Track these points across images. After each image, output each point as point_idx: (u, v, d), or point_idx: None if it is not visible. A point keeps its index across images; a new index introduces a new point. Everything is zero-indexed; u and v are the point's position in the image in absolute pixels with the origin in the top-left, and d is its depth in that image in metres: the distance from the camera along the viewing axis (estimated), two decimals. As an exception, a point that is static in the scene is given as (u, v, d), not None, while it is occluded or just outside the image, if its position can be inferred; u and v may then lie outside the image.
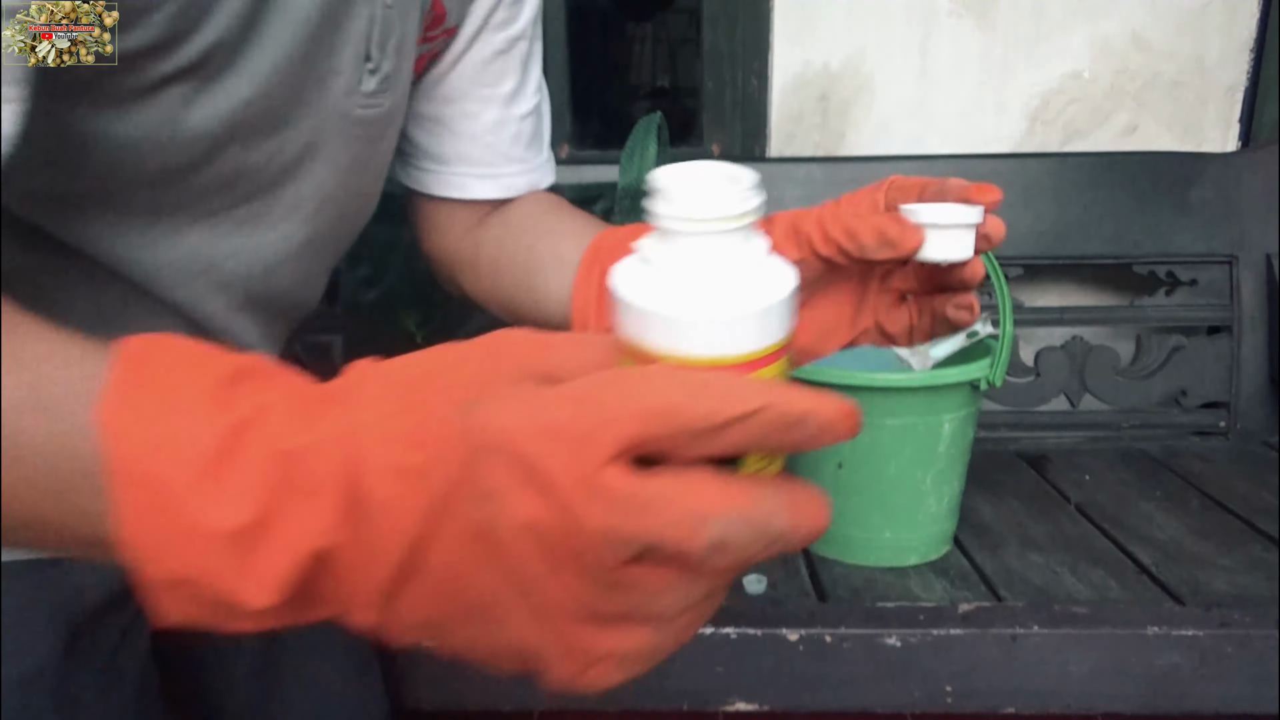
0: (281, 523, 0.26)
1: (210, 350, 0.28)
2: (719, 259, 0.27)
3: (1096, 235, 1.39)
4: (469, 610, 0.26)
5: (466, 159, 0.62)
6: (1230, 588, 0.95)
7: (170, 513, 0.26)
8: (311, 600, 0.27)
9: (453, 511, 0.25)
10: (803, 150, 1.49)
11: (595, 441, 0.24)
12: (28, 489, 0.27)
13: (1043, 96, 1.46)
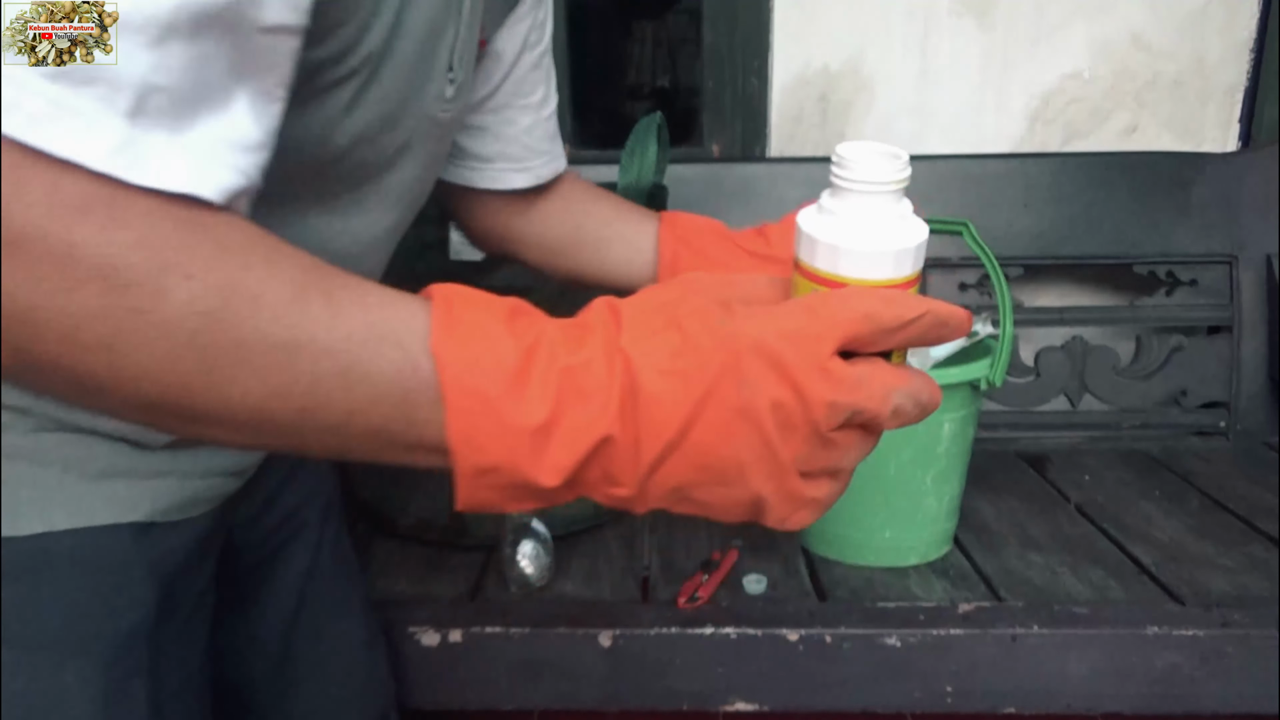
0: (569, 420, 0.34)
1: (486, 294, 0.36)
2: (885, 211, 0.37)
3: (1096, 235, 1.40)
4: (715, 473, 0.35)
5: (505, 156, 0.73)
6: (1230, 588, 0.95)
7: (487, 416, 0.34)
8: (584, 481, 0.36)
9: (715, 398, 0.34)
10: (803, 150, 1.49)
11: (823, 340, 0.34)
12: (375, 405, 0.34)
13: (1043, 96, 1.46)
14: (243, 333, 0.32)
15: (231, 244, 0.33)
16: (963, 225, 0.99)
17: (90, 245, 0.30)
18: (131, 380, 0.32)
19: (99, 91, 0.30)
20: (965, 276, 1.41)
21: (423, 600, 0.95)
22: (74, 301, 0.30)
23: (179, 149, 0.32)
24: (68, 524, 0.50)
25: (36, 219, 0.29)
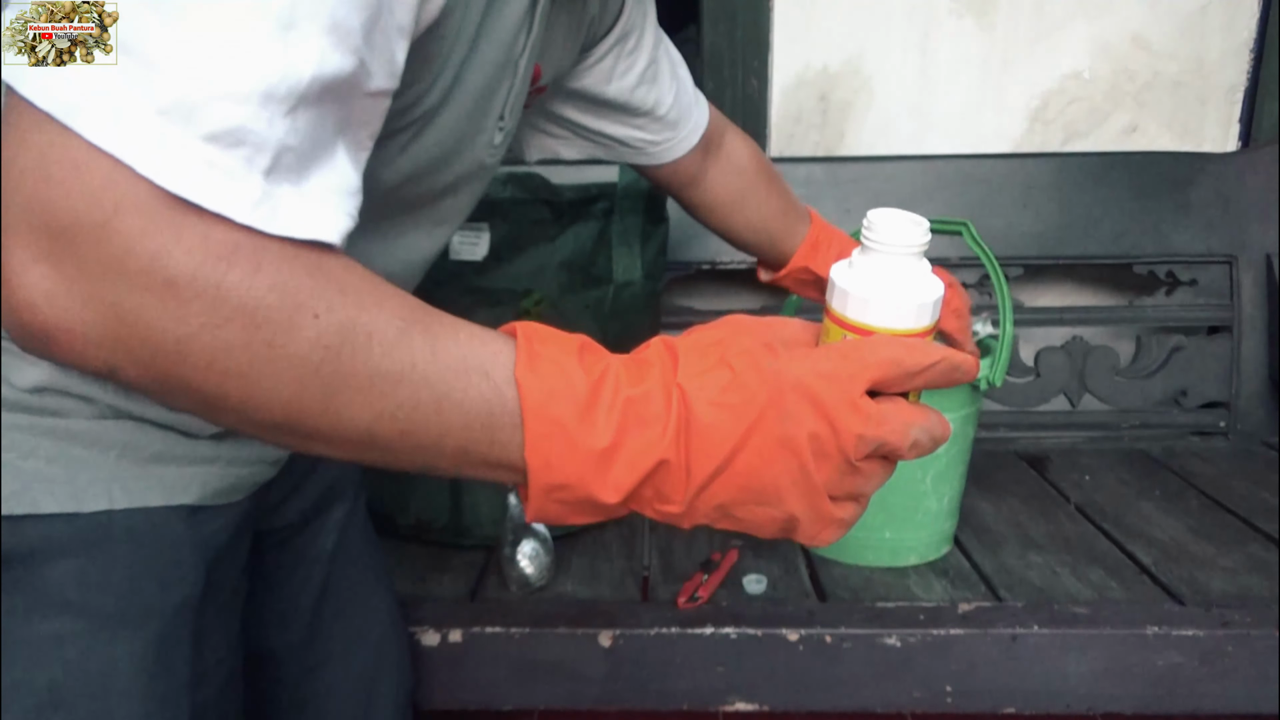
0: (630, 444, 0.39)
1: (559, 331, 0.41)
2: (908, 269, 0.42)
3: (1096, 235, 1.39)
4: (756, 494, 0.41)
5: (670, 127, 0.84)
6: (1230, 588, 0.95)
7: (560, 440, 0.39)
8: (639, 498, 0.41)
9: (760, 429, 0.39)
10: (802, 150, 1.49)
11: (854, 380, 0.40)
12: (465, 428, 0.39)
13: (1043, 96, 1.46)
14: (357, 365, 0.37)
15: (349, 285, 0.37)
16: (963, 225, 0.99)
17: (236, 288, 0.34)
18: (262, 404, 0.37)
19: (245, 153, 0.34)
20: (965, 276, 1.41)
21: (423, 600, 0.95)
22: (219, 336, 0.35)
23: (302, 200, 0.36)
24: (126, 503, 0.53)
25: (192, 264, 0.33)
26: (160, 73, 0.33)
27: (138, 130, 0.32)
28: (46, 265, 0.33)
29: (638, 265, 1.10)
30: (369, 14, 0.37)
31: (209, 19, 0.33)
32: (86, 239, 0.33)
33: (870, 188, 1.40)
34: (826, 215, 1.40)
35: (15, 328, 0.35)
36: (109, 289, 0.33)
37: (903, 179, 1.41)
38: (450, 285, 0.98)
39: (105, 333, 0.34)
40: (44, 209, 0.33)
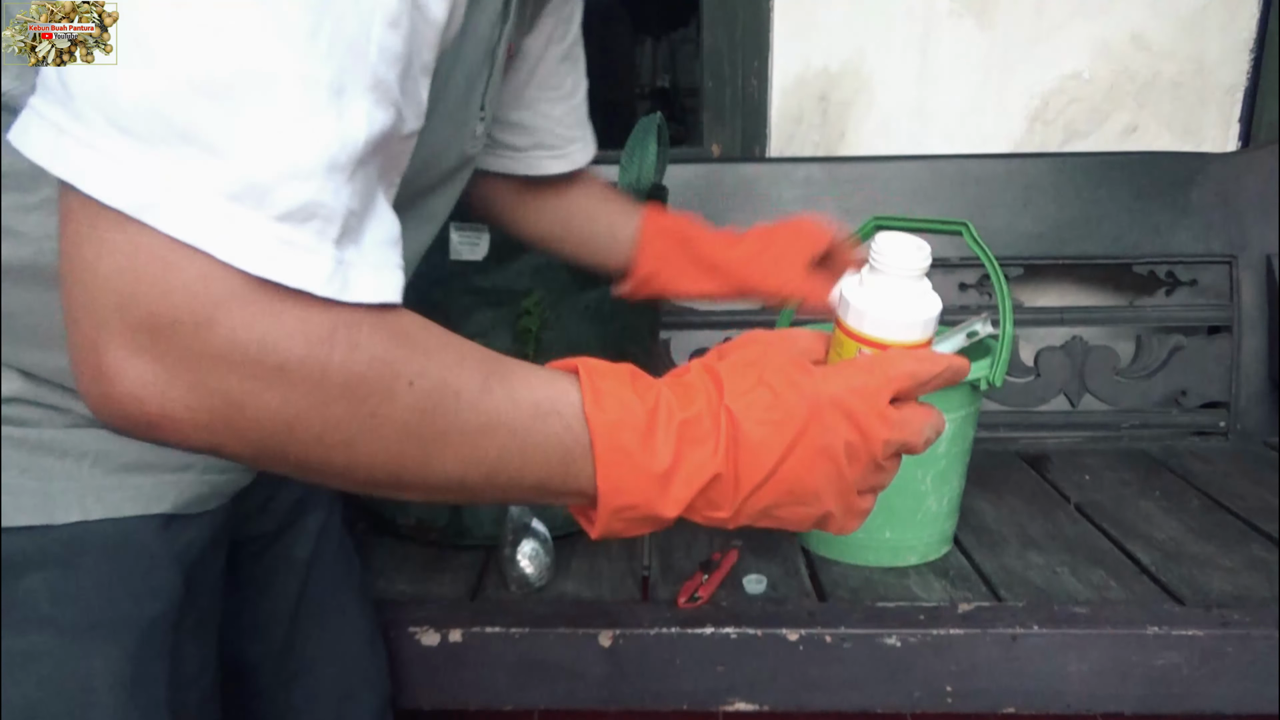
0: (687, 463, 0.43)
1: (611, 364, 0.45)
2: (914, 289, 0.48)
3: (1096, 235, 1.39)
4: (797, 497, 0.45)
5: (541, 145, 0.79)
6: (1230, 588, 0.95)
7: (627, 465, 0.42)
8: (693, 508, 0.44)
9: (803, 441, 0.44)
10: (803, 150, 1.49)
11: (880, 393, 0.45)
12: (544, 465, 0.42)
13: (1043, 96, 1.46)
14: (449, 422, 0.40)
15: (430, 346, 0.40)
16: (963, 225, 0.99)
17: (341, 367, 0.36)
18: (363, 467, 0.39)
19: (317, 226, 0.35)
20: (965, 276, 1.41)
21: (423, 600, 0.95)
22: (326, 414, 0.37)
23: (365, 261, 0.37)
24: (100, 514, 0.53)
25: (298, 350, 0.35)
26: (226, 158, 0.33)
27: (217, 220, 0.33)
28: (148, 359, 0.34)
29: (638, 265, 1.10)
30: (403, 65, 0.38)
31: (265, 97, 0.33)
32: (189, 334, 0.34)
33: (870, 188, 1.40)
34: (827, 215, 1.41)
35: (118, 418, 0.35)
36: (217, 379, 0.35)
37: (903, 179, 1.41)
38: (450, 285, 0.98)
39: (214, 418, 0.35)
40: (141, 308, 0.33)
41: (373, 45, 0.36)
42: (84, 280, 0.34)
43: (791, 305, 0.76)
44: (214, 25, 0.32)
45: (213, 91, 0.33)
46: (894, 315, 0.47)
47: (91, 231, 0.33)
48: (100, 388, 0.35)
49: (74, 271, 0.34)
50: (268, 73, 0.33)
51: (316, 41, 0.34)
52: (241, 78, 0.33)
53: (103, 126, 0.33)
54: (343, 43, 0.35)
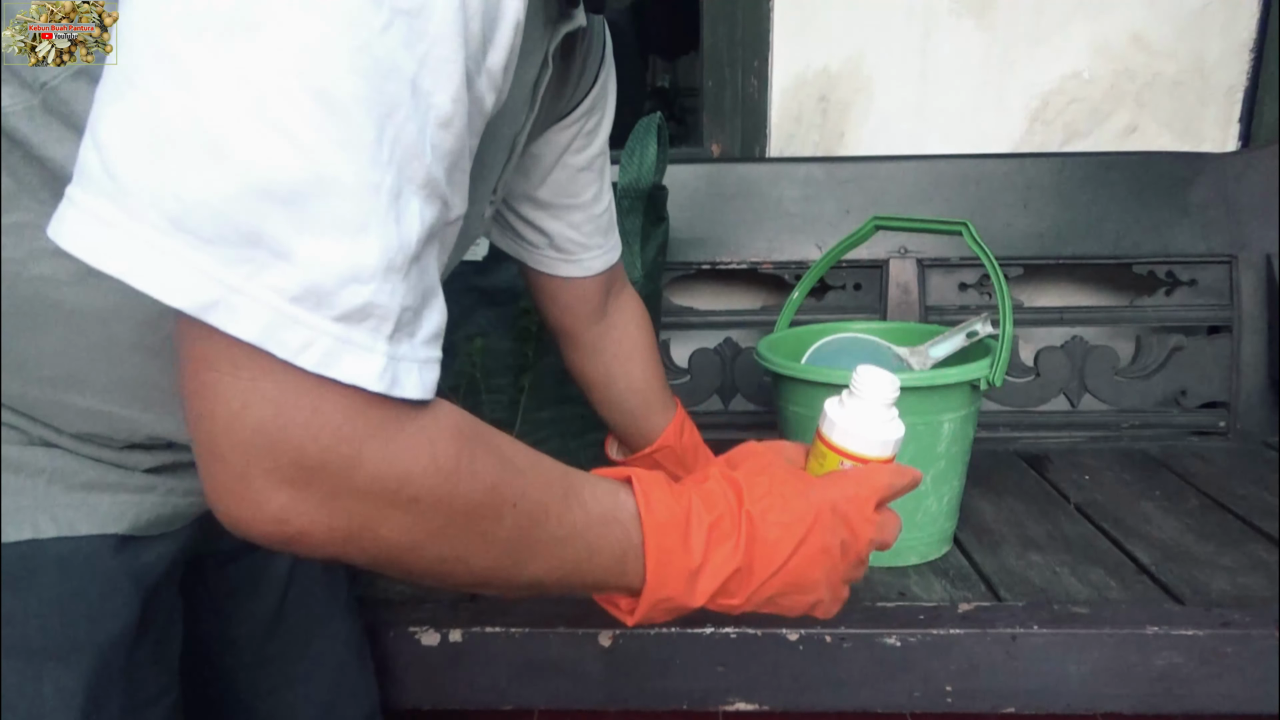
0: (713, 560, 0.49)
1: (652, 471, 0.51)
2: (888, 414, 0.57)
3: (1096, 235, 1.39)
4: (798, 587, 0.52)
5: (553, 246, 0.79)
6: (1230, 588, 0.95)
7: (669, 565, 0.48)
8: (712, 598, 0.50)
9: (809, 540, 0.51)
10: (802, 150, 1.49)
11: (868, 501, 0.54)
12: (606, 567, 0.48)
13: (1043, 96, 1.46)
14: (539, 535, 0.45)
15: (522, 467, 0.44)
16: (963, 225, 0.99)
17: (463, 496, 0.40)
18: (463, 574, 0.43)
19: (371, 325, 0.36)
20: (965, 276, 1.41)
21: (423, 600, 0.95)
22: (447, 536, 0.41)
23: (415, 358, 0.39)
24: (54, 532, 0.51)
25: (431, 482, 0.39)
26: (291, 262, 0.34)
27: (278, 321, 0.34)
28: (295, 490, 0.36)
29: (638, 265, 1.10)
30: (452, 160, 0.39)
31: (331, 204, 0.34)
32: (337, 472, 0.37)
33: (870, 188, 1.40)
34: (826, 215, 1.41)
35: (258, 536, 0.38)
36: (356, 505, 0.38)
37: (903, 179, 1.41)
38: (450, 285, 0.97)
39: (348, 537, 0.39)
40: (292, 449, 0.36)
41: (428, 147, 0.37)
42: (233, 425, 0.35)
43: None
44: (286, 132, 0.33)
45: (282, 196, 0.33)
46: (873, 435, 0.56)
47: (235, 377, 0.35)
48: (246, 512, 0.37)
49: (220, 414, 0.35)
50: (335, 179, 0.34)
51: (380, 149, 0.35)
52: (310, 184, 0.33)
53: (162, 224, 0.33)
54: (402, 148, 0.36)
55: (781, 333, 1.13)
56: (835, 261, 1.14)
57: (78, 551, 0.52)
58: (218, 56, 0.32)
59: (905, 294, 1.40)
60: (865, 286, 1.41)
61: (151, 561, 0.56)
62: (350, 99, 0.34)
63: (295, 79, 0.33)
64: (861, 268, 1.40)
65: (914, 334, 1.12)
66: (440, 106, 0.37)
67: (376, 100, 0.34)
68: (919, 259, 1.40)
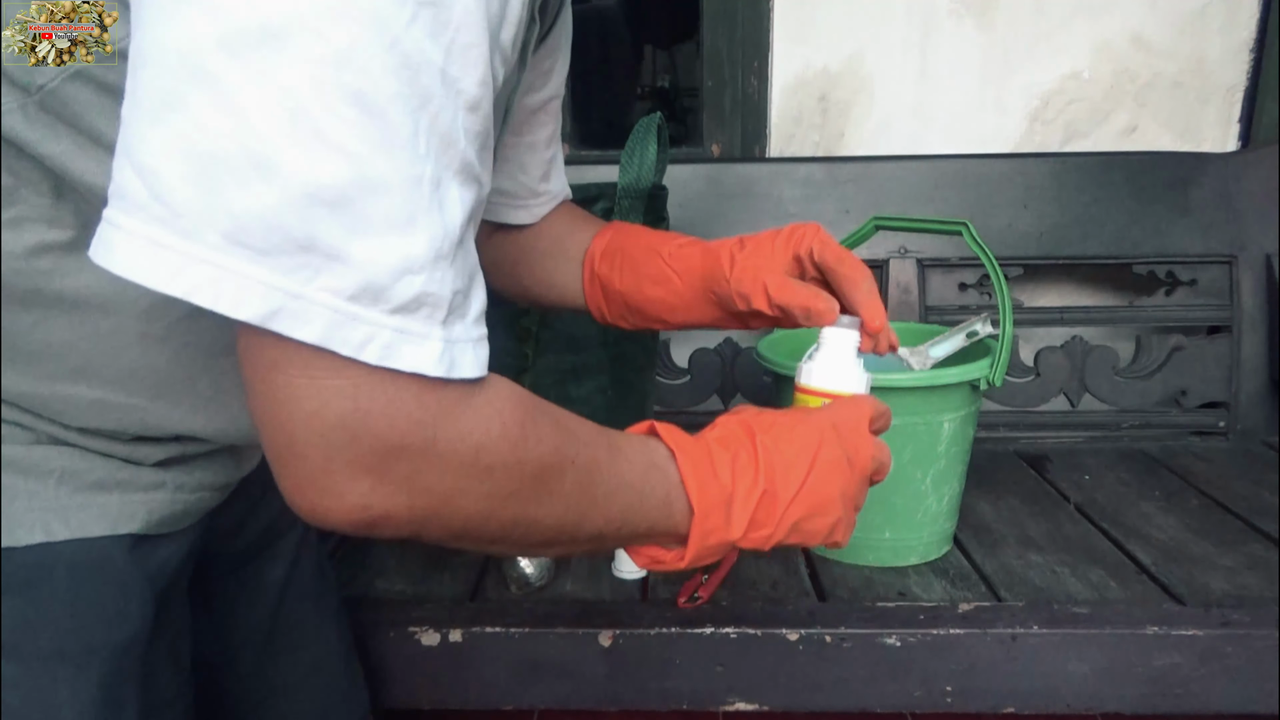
0: (740, 488, 0.51)
1: (670, 424, 0.53)
2: (854, 361, 0.62)
3: (1096, 235, 1.39)
4: (818, 508, 0.53)
5: (503, 193, 0.76)
6: (1230, 588, 0.95)
7: (707, 497, 0.50)
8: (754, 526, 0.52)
9: (821, 457, 0.53)
10: (802, 150, 1.49)
11: (864, 420, 0.57)
12: (653, 509, 0.50)
13: (1043, 96, 1.46)
14: (597, 489, 0.47)
15: (572, 427, 0.46)
16: (963, 225, 0.99)
17: (533, 461, 0.43)
18: (533, 535, 0.45)
19: (426, 313, 0.37)
20: (965, 276, 1.41)
21: (423, 600, 0.95)
22: (519, 498, 0.43)
23: (468, 338, 0.40)
24: (66, 534, 0.51)
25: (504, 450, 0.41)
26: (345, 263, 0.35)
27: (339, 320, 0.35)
28: (374, 478, 0.38)
29: (638, 265, 1.10)
30: (482, 140, 0.40)
31: (378, 203, 0.35)
32: (416, 454, 0.39)
33: (870, 188, 1.40)
34: (827, 215, 1.41)
35: (340, 524, 0.39)
36: (435, 482, 0.40)
37: (903, 179, 1.41)
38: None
39: (427, 513, 0.40)
40: (371, 438, 0.37)
41: (460, 133, 0.38)
42: (311, 424, 0.37)
43: (802, 322, 0.65)
44: (326, 139, 0.34)
45: (329, 201, 0.34)
46: (846, 374, 0.61)
47: (307, 378, 0.36)
48: (330, 503, 0.39)
49: (297, 415, 0.37)
50: (379, 179, 0.35)
51: (418, 143, 0.36)
52: (356, 186, 0.34)
53: (217, 242, 0.34)
54: (438, 138, 0.37)
55: (781, 333, 1.13)
56: (835, 261, 1.14)
57: (91, 553, 0.52)
58: (254, 72, 0.33)
59: (905, 294, 1.40)
60: (865, 286, 1.41)
61: (164, 561, 0.56)
62: (385, 98, 0.34)
63: (330, 86, 0.33)
64: (861, 268, 1.40)
65: (914, 334, 1.12)
66: (468, 91, 0.38)
67: (410, 95, 0.35)
68: (919, 259, 1.40)
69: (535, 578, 0.96)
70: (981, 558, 1.02)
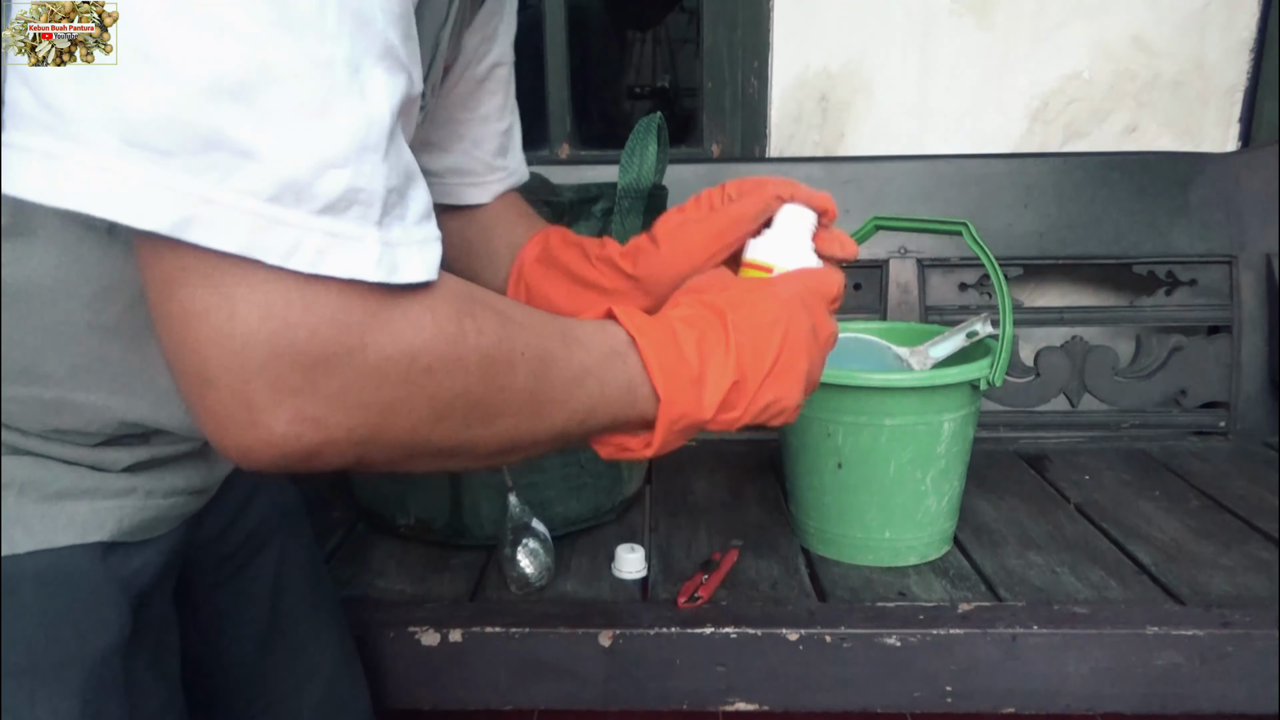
0: (710, 370, 0.49)
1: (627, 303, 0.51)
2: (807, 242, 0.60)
3: (1096, 235, 1.39)
4: (788, 390, 0.52)
5: (457, 170, 0.72)
6: (1230, 588, 0.95)
7: (673, 379, 0.48)
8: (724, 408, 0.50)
9: (791, 332, 0.51)
10: (802, 150, 1.49)
11: (822, 294, 0.55)
12: (619, 398, 0.47)
13: (1043, 96, 1.46)
14: (552, 381, 0.44)
15: (516, 317, 0.43)
16: (963, 225, 0.99)
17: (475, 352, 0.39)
18: (492, 440, 0.42)
19: (358, 212, 0.34)
20: (965, 276, 1.41)
21: (423, 600, 0.95)
22: (469, 398, 0.39)
23: (410, 240, 0.37)
24: (30, 546, 0.48)
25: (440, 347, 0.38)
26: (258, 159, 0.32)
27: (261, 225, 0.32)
28: (304, 397, 0.34)
29: (638, 265, 1.10)
30: (404, 24, 0.37)
31: (285, 89, 0.32)
32: (343, 364, 0.35)
33: (870, 188, 1.40)
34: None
35: (275, 460, 0.35)
36: (372, 394, 0.36)
37: (903, 179, 1.41)
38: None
39: (369, 431, 0.37)
40: (292, 352, 0.33)
41: (376, 10, 0.35)
42: (220, 341, 0.33)
43: None
44: (218, 23, 0.31)
45: (231, 91, 0.31)
46: (805, 251, 0.59)
47: (214, 290, 0.33)
48: (254, 435, 0.35)
49: (204, 333, 0.33)
50: (283, 62, 0.32)
51: (325, 21, 0.32)
52: (257, 72, 0.31)
53: (116, 146, 0.31)
54: (349, 16, 0.33)
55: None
56: (835, 261, 1.14)
57: (58, 563, 0.49)
58: None
59: (905, 294, 1.40)
60: (865, 286, 1.41)
61: (139, 568, 0.54)
62: None
63: None
64: (861, 268, 1.40)
65: (914, 334, 1.12)
66: None
67: None
68: (919, 259, 1.40)
69: (535, 578, 0.96)
70: (981, 558, 1.02)
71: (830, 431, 0.97)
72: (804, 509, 1.05)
